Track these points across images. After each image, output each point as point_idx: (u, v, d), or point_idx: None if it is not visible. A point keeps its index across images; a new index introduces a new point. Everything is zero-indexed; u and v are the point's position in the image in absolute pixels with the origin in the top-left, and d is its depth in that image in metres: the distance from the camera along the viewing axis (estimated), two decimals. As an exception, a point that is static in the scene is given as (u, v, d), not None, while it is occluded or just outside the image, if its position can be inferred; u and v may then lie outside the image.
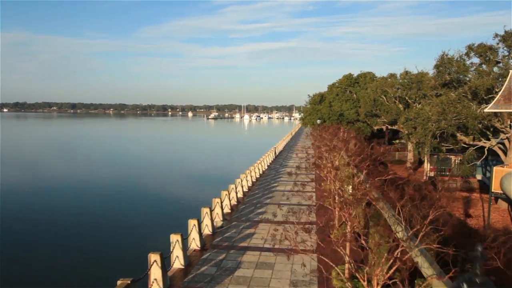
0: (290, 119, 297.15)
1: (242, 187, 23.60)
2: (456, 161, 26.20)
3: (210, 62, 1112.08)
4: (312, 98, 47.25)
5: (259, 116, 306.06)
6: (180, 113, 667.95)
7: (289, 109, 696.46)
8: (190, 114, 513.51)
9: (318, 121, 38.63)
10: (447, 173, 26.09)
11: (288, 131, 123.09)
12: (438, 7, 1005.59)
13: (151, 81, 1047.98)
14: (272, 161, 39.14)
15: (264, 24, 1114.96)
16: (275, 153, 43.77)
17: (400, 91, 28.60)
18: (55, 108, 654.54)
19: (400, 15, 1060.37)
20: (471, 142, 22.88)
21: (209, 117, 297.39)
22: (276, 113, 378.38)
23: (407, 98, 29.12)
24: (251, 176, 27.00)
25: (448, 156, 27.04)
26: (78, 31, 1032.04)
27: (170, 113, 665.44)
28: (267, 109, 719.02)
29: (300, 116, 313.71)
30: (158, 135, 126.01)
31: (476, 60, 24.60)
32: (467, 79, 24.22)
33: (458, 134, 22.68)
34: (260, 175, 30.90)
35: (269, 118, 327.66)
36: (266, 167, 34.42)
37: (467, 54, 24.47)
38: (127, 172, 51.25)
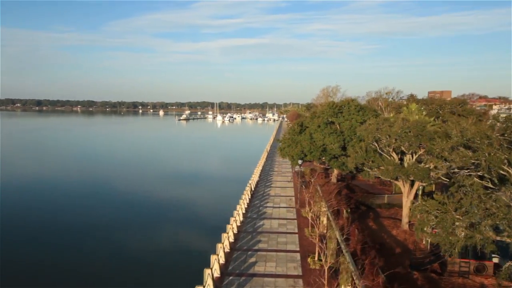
0: (264, 120, 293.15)
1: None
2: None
3: (182, 57, 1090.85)
4: (291, 128, 42.89)
5: (232, 117, 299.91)
6: (151, 110, 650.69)
7: (262, 107, 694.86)
8: (161, 112, 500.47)
9: (300, 162, 34.34)
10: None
11: (263, 139, 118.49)
12: (407, 5, 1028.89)
13: (122, 77, 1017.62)
14: (247, 204, 34.53)
15: (237, 19, 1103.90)
16: (251, 189, 39.24)
17: (398, 141, 24.68)
18: (19, 105, 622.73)
19: (371, 13, 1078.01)
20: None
21: (181, 118, 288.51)
22: (250, 113, 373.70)
23: (403, 148, 25.33)
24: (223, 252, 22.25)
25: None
26: (45, 24, 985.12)
27: (141, 110, 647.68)
28: (240, 107, 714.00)
29: (273, 117, 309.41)
30: (117, 146, 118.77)
31: None
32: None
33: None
34: (235, 238, 26.21)
35: (242, 118, 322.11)
36: (240, 221, 29.74)
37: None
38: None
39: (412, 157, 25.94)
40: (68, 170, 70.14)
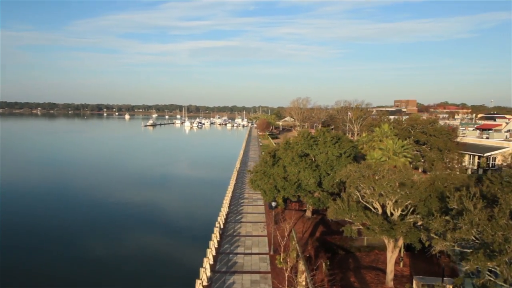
0: (233, 125, 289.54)
1: None
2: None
3: (149, 59, 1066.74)
4: (262, 159, 40.00)
5: (201, 123, 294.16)
6: (117, 113, 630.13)
7: (231, 110, 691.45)
8: (127, 116, 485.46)
9: (273, 204, 31.47)
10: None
11: (233, 147, 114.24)
12: (372, 12, 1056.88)
13: (86, 78, 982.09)
14: (216, 250, 31.21)
15: (206, 21, 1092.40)
16: (220, 228, 35.90)
17: (384, 197, 22.27)
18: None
19: (338, 18, 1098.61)
20: None
21: (147, 124, 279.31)
22: (218, 117, 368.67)
23: (389, 204, 23.00)
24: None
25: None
26: (2, 21, 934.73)
27: (105, 113, 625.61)
28: (209, 110, 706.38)
29: (243, 123, 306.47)
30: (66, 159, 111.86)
31: None
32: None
33: None
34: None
35: (211, 123, 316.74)
36: (208, 278, 26.41)
37: None
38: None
39: (398, 210, 23.62)
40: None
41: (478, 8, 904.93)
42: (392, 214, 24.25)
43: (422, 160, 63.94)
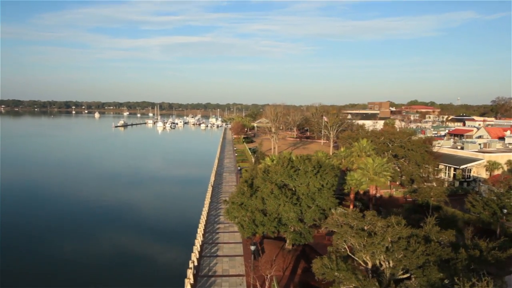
0: (207, 125, 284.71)
1: None
2: None
3: (120, 54, 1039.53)
4: (239, 188, 37.31)
5: (174, 123, 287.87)
6: (86, 111, 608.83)
7: (205, 107, 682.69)
8: (97, 114, 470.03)
9: (252, 248, 28.87)
10: None
11: (206, 159, 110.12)
12: (344, 10, 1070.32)
13: (53, 74, 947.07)
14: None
15: (178, 17, 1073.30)
16: (194, 269, 33.07)
17: (376, 256, 20.19)
18: None
19: (311, 15, 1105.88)
20: None
21: (118, 124, 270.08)
22: (192, 117, 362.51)
23: (383, 265, 20.95)
24: None
25: None
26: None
27: (74, 111, 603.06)
28: (182, 107, 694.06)
29: (217, 123, 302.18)
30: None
31: None
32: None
33: None
34: None
35: (185, 123, 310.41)
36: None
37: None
38: None
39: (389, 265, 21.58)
40: None
41: (445, 8, 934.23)
42: (383, 268, 22.24)
43: (400, 175, 63.11)
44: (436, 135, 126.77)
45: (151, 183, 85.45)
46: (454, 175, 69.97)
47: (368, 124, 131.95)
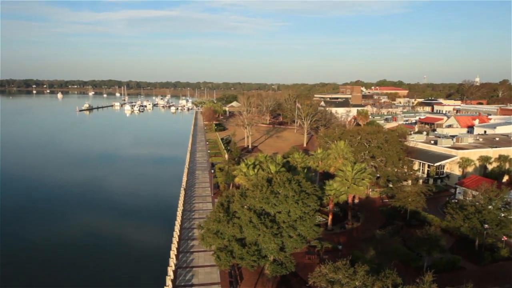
0: (178, 108, 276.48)
1: None
2: None
3: (82, 28, 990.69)
4: (215, 212, 34.61)
5: (142, 106, 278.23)
6: (48, 90, 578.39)
7: (174, 86, 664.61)
8: (59, 95, 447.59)
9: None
10: None
11: (177, 152, 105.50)
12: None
13: (8, 50, 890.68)
14: None
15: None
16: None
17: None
18: None
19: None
20: None
21: (82, 108, 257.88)
22: (161, 98, 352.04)
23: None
24: None
25: None
26: None
27: (35, 91, 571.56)
28: (150, 86, 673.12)
29: (188, 105, 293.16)
30: None
31: None
32: None
33: None
34: None
35: (154, 105, 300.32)
36: None
37: None
38: None
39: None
40: None
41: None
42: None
43: (377, 176, 62.39)
44: (407, 122, 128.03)
45: (117, 182, 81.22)
46: (428, 171, 70.23)
47: (341, 112, 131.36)
